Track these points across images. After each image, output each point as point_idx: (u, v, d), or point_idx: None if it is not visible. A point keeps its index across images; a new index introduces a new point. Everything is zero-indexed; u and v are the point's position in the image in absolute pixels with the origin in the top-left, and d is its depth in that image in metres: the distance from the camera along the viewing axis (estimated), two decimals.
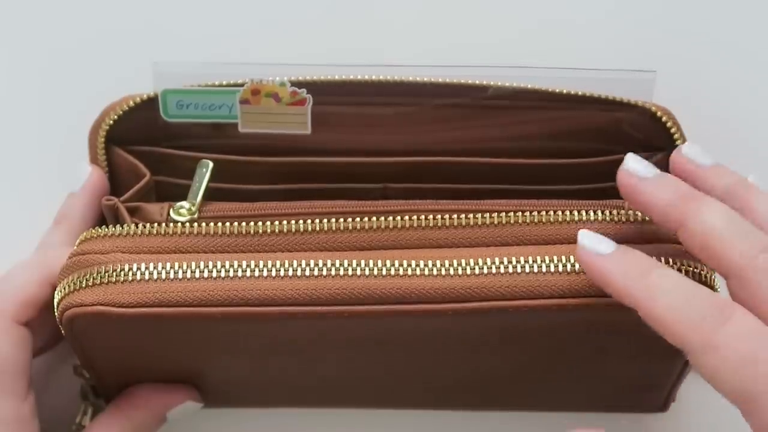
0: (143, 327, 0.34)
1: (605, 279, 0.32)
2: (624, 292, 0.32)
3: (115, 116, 0.40)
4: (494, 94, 0.40)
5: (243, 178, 0.41)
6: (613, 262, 0.32)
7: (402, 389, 0.41)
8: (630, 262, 0.32)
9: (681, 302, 0.31)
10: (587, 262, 0.33)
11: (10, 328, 0.36)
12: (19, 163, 0.46)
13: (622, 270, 0.32)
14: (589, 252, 0.33)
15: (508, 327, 0.35)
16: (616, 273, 0.32)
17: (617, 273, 0.32)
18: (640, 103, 0.40)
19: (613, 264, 0.32)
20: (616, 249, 0.33)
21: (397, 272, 0.34)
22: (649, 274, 0.32)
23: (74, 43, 0.46)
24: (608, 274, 0.32)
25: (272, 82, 0.39)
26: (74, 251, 0.35)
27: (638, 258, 0.32)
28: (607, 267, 0.32)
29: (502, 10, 0.46)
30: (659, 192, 0.33)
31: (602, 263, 0.32)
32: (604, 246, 0.33)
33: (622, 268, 0.32)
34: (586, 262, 0.33)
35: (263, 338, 0.36)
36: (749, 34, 0.46)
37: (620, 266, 0.32)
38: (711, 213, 0.32)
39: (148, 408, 0.39)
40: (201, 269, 0.34)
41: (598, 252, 0.33)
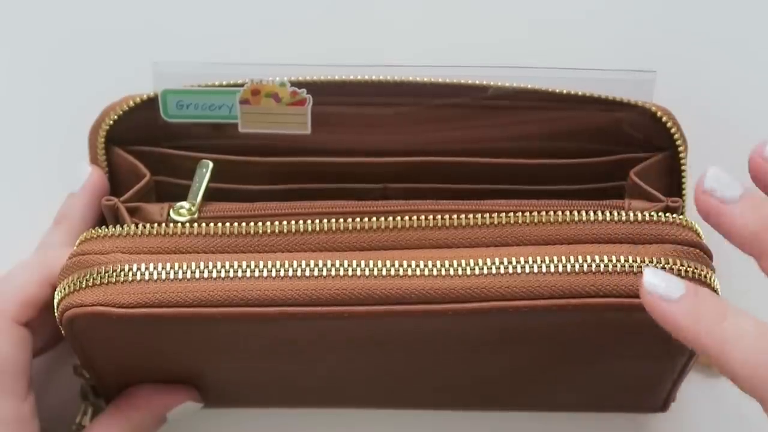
0: (143, 327, 0.34)
1: (672, 324, 0.31)
2: (693, 339, 0.30)
3: (115, 116, 0.40)
4: (494, 94, 0.40)
5: (243, 179, 0.41)
6: (681, 308, 0.30)
7: (402, 389, 0.41)
8: (701, 306, 0.30)
9: (757, 351, 0.29)
10: (652, 306, 0.31)
11: (10, 328, 0.36)
12: (19, 163, 0.46)
13: (692, 317, 0.30)
14: (654, 296, 0.31)
15: (507, 327, 0.35)
16: (687, 320, 0.30)
17: (688, 320, 0.30)
18: (640, 103, 0.40)
19: (683, 310, 0.30)
20: (687, 292, 0.31)
21: (397, 273, 0.34)
22: (722, 319, 0.30)
23: (74, 43, 0.46)
24: (678, 321, 0.30)
25: (272, 83, 0.39)
26: (74, 251, 0.35)
27: (710, 302, 0.31)
28: (674, 312, 0.30)
29: (502, 10, 0.46)
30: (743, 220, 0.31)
31: (670, 308, 0.31)
32: (669, 289, 0.31)
33: (692, 315, 0.30)
34: (650, 306, 0.31)
35: (263, 339, 0.36)
36: (749, 33, 0.46)
37: (690, 313, 0.30)
38: None
39: (148, 408, 0.39)
40: (201, 269, 0.34)
41: (663, 296, 0.31)
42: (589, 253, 0.34)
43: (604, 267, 0.33)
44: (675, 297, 0.31)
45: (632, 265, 0.33)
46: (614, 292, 0.33)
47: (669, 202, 0.38)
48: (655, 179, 0.39)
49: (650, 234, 0.35)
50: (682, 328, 0.30)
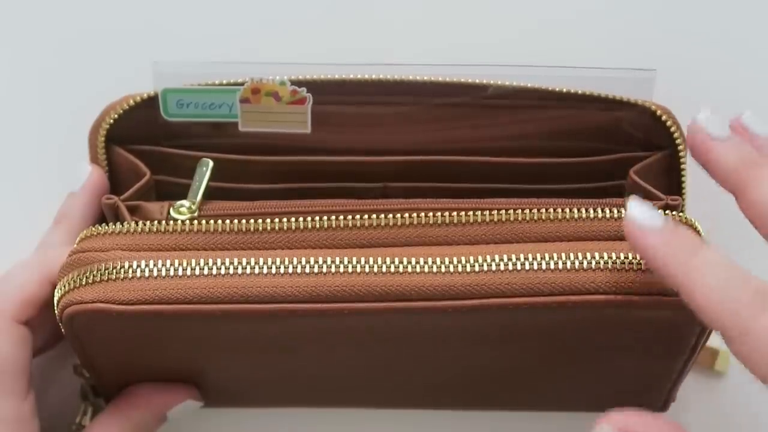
0: (143, 324, 0.34)
1: (648, 254, 0.32)
2: (666, 270, 0.31)
3: (116, 115, 0.40)
4: (494, 93, 0.40)
5: (243, 177, 0.41)
6: (659, 240, 0.32)
7: (402, 388, 0.41)
8: (676, 241, 0.32)
9: (723, 286, 0.30)
10: (633, 235, 0.32)
11: (10, 327, 0.36)
12: (19, 163, 0.46)
13: (667, 248, 0.31)
14: (636, 225, 0.32)
15: (507, 325, 0.35)
16: (661, 250, 0.31)
17: (662, 250, 0.31)
18: (640, 102, 0.40)
19: (659, 242, 0.32)
20: (664, 225, 0.32)
21: (397, 269, 0.34)
22: (694, 254, 0.31)
23: (74, 42, 0.46)
24: (652, 250, 0.32)
25: (272, 81, 0.39)
26: (74, 249, 0.35)
27: (685, 236, 0.32)
28: (651, 243, 0.32)
29: (502, 9, 0.46)
30: (726, 156, 0.33)
31: (648, 239, 0.32)
32: (651, 220, 0.32)
33: (667, 247, 0.31)
34: (631, 235, 0.32)
35: (263, 336, 0.36)
36: (749, 32, 0.46)
37: (666, 245, 0.31)
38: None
39: (149, 407, 0.39)
40: (201, 266, 0.34)
41: (643, 226, 0.32)
42: (588, 250, 0.34)
43: (603, 264, 0.33)
44: (654, 227, 0.32)
45: (632, 263, 0.33)
46: (613, 289, 0.33)
47: (669, 200, 0.38)
48: (654, 178, 0.39)
49: None
50: (656, 258, 0.31)
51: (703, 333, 0.35)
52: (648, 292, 0.33)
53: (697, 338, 0.36)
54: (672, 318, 0.34)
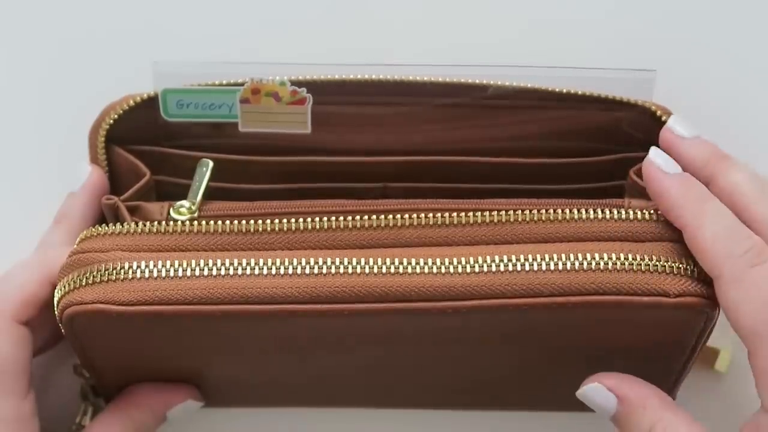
0: (143, 325, 0.34)
1: (664, 193, 0.35)
2: (677, 210, 0.34)
3: (115, 116, 0.40)
4: (494, 93, 0.40)
5: (243, 178, 0.41)
6: (676, 181, 0.35)
7: (402, 388, 0.41)
8: (692, 187, 0.35)
9: (726, 233, 0.33)
10: (652, 175, 0.35)
11: (10, 327, 0.36)
12: (19, 163, 0.46)
13: (682, 191, 0.34)
14: (656, 167, 0.35)
15: (507, 325, 0.35)
16: (676, 191, 0.34)
17: (677, 191, 0.34)
18: (640, 102, 0.40)
19: (676, 183, 0.35)
20: (681, 173, 0.35)
21: (397, 270, 0.34)
22: (704, 201, 0.34)
23: (74, 42, 0.46)
24: (668, 190, 0.35)
25: (272, 82, 0.39)
26: (74, 249, 0.35)
27: (699, 187, 0.35)
28: (668, 183, 0.35)
29: (502, 9, 0.46)
30: (696, 149, 0.37)
31: (666, 180, 0.35)
32: (669, 165, 0.35)
33: (682, 189, 0.34)
34: (650, 175, 0.35)
35: (263, 336, 0.36)
36: (749, 33, 0.46)
37: (681, 187, 0.35)
38: (739, 171, 0.35)
39: (149, 407, 0.39)
40: (201, 267, 0.34)
41: (662, 168, 0.35)
42: (588, 250, 0.34)
43: (603, 265, 0.33)
44: (673, 171, 0.35)
45: (632, 263, 0.33)
46: (614, 289, 0.33)
47: None
48: None
49: (650, 232, 0.35)
50: (671, 198, 0.34)
51: (703, 333, 0.35)
52: (648, 293, 0.33)
53: (697, 339, 0.36)
54: (672, 319, 0.34)
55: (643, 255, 0.34)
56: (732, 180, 0.35)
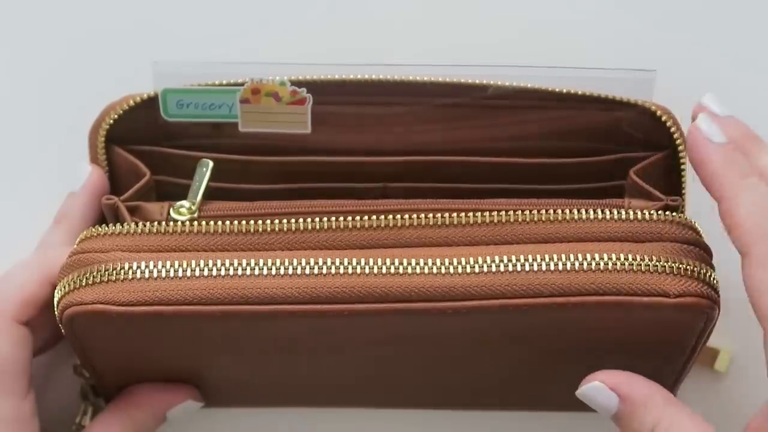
0: (143, 325, 0.34)
1: (706, 161, 0.34)
2: (717, 178, 0.33)
3: (115, 116, 0.40)
4: (494, 93, 0.40)
5: (243, 178, 0.41)
6: (721, 151, 0.34)
7: (402, 388, 0.41)
8: (735, 159, 0.34)
9: (762, 211, 0.32)
10: (697, 141, 0.34)
11: (10, 327, 0.36)
12: (19, 163, 0.46)
13: (724, 161, 0.34)
14: (702, 134, 0.34)
15: (507, 326, 0.35)
16: (719, 160, 0.34)
17: (719, 161, 0.34)
18: (639, 102, 0.40)
19: (721, 153, 0.34)
20: (728, 142, 0.34)
21: (397, 271, 0.34)
22: (746, 176, 0.33)
23: (74, 42, 0.46)
24: (711, 158, 0.34)
25: (272, 82, 0.39)
26: (74, 250, 0.35)
27: (743, 158, 0.34)
28: (712, 151, 0.34)
29: (502, 9, 0.46)
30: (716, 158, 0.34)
31: (710, 147, 0.34)
32: (717, 133, 0.34)
33: (725, 160, 0.34)
34: (694, 141, 0.34)
35: (263, 337, 0.36)
36: (749, 32, 0.46)
37: (725, 157, 0.34)
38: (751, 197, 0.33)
39: (149, 407, 0.39)
40: (201, 268, 0.34)
41: (707, 134, 0.34)
42: (588, 251, 0.34)
43: (603, 265, 0.33)
44: (716, 140, 0.34)
45: (632, 264, 0.33)
46: (613, 290, 0.33)
47: (668, 200, 0.38)
48: (654, 178, 0.39)
49: (650, 232, 0.35)
50: (712, 166, 0.34)
51: (703, 334, 0.35)
52: (648, 293, 0.33)
53: (697, 339, 0.36)
54: (672, 319, 0.34)
55: (644, 255, 0.33)
56: (762, 163, 0.34)
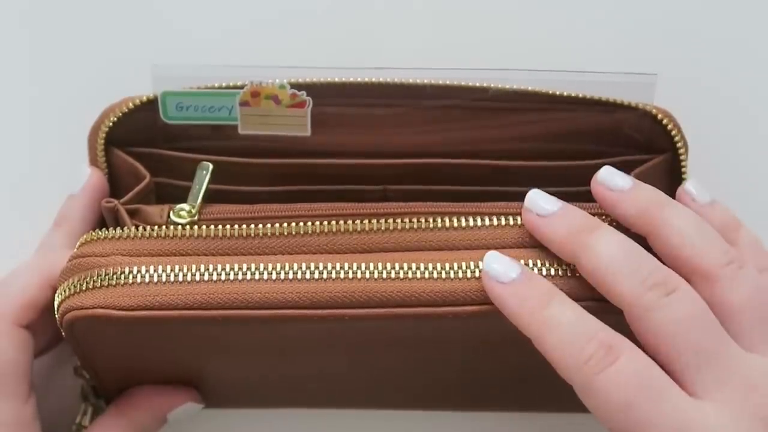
0: (143, 330, 0.34)
1: (502, 307, 0.33)
2: (518, 323, 0.32)
3: (115, 118, 0.40)
4: (495, 96, 0.40)
5: (243, 180, 0.41)
6: (511, 291, 0.32)
7: (402, 390, 0.41)
8: (528, 292, 0.32)
9: (568, 341, 0.31)
10: (487, 286, 0.33)
11: (11, 331, 0.36)
12: (19, 165, 0.46)
13: (517, 301, 0.32)
14: (490, 278, 0.33)
15: (508, 330, 0.35)
16: (513, 303, 0.32)
17: (514, 303, 0.32)
18: (640, 105, 0.40)
19: (511, 293, 0.32)
20: (519, 275, 0.33)
21: (398, 275, 0.34)
22: (544, 307, 0.32)
23: (74, 44, 0.46)
24: (504, 303, 0.32)
25: (272, 85, 0.39)
26: (74, 254, 0.35)
27: (537, 287, 0.32)
28: (504, 295, 0.32)
29: (503, 13, 0.45)
30: (555, 228, 0.34)
31: (501, 291, 0.33)
32: (505, 271, 0.33)
33: (518, 300, 0.32)
34: (487, 288, 0.33)
35: (263, 341, 0.36)
36: (750, 36, 0.46)
37: (517, 297, 0.32)
38: (601, 247, 0.32)
39: (149, 409, 0.39)
40: (201, 272, 0.34)
41: (498, 279, 0.33)
42: None
43: None
44: (507, 280, 0.32)
45: None
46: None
47: None
48: (655, 181, 0.39)
49: None
50: (508, 310, 0.32)
51: None
52: None
53: None
54: None
55: None
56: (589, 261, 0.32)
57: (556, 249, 0.33)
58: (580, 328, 0.31)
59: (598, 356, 0.31)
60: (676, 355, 0.31)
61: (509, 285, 0.32)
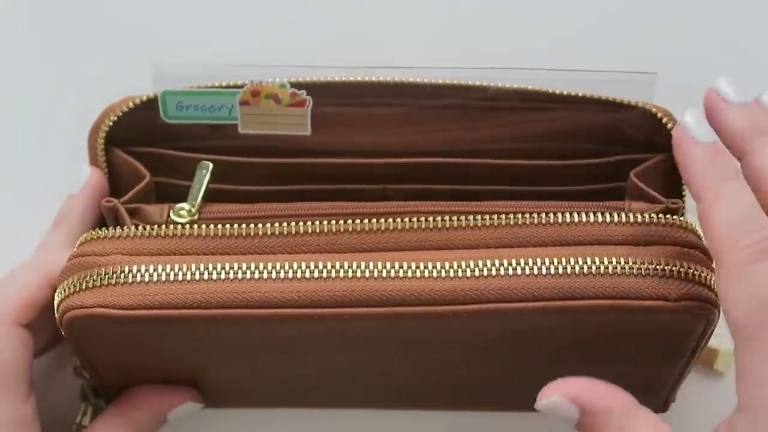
0: (143, 329, 0.34)
1: (687, 162, 0.33)
2: (697, 181, 0.33)
3: (115, 117, 0.40)
4: (495, 95, 0.40)
5: (243, 179, 0.41)
6: (702, 151, 0.33)
7: (402, 390, 0.41)
8: (718, 160, 0.33)
9: (738, 219, 0.31)
10: (680, 141, 0.33)
11: (10, 330, 0.36)
12: (19, 164, 0.46)
13: (706, 163, 0.33)
14: (686, 133, 0.33)
15: (508, 329, 0.35)
16: (700, 162, 0.33)
17: (701, 163, 0.33)
18: (640, 104, 0.40)
19: (703, 154, 0.33)
20: (714, 143, 0.33)
21: (398, 274, 0.34)
22: (727, 180, 0.32)
23: (74, 44, 0.46)
24: (692, 159, 0.33)
25: (272, 84, 0.39)
26: (74, 253, 0.35)
27: (728, 161, 0.33)
28: (695, 152, 0.33)
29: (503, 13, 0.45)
30: (736, 118, 0.34)
31: (693, 148, 0.33)
32: (703, 133, 0.33)
33: (707, 162, 0.33)
34: (678, 140, 0.34)
35: (263, 340, 0.36)
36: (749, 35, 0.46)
37: (707, 159, 0.33)
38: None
39: (149, 409, 0.39)
40: (201, 271, 0.34)
41: (693, 134, 0.33)
42: (589, 255, 0.34)
43: (603, 269, 0.33)
44: (702, 141, 0.33)
45: (632, 268, 0.33)
46: (613, 294, 0.33)
47: (669, 203, 0.38)
48: (655, 180, 0.39)
49: (650, 235, 0.35)
50: (693, 167, 0.33)
51: (704, 337, 0.35)
52: (647, 297, 0.33)
53: (697, 342, 0.36)
54: (672, 322, 0.34)
55: (644, 259, 0.33)
56: (761, 164, 0.32)
57: (729, 136, 0.34)
58: (753, 214, 0.32)
59: (762, 246, 0.31)
60: None
61: (702, 146, 0.33)
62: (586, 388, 0.34)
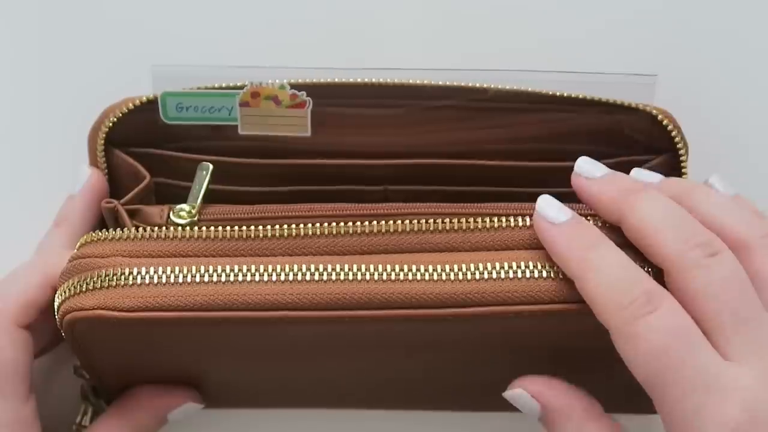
0: (143, 330, 0.34)
1: (550, 247, 0.33)
2: (564, 263, 0.33)
3: (115, 118, 0.40)
4: (494, 96, 0.40)
5: (243, 180, 0.41)
6: (560, 232, 0.33)
7: (402, 391, 0.42)
8: (577, 234, 0.33)
9: (612, 283, 0.32)
10: (538, 227, 0.34)
11: (11, 330, 0.36)
12: (19, 165, 0.46)
13: (567, 240, 0.33)
14: (541, 217, 0.34)
15: (508, 331, 0.35)
16: (561, 243, 0.33)
17: (562, 243, 0.33)
18: (641, 105, 0.40)
19: (560, 233, 0.33)
20: (570, 219, 0.34)
21: (398, 277, 0.34)
22: (592, 249, 0.33)
23: (74, 45, 0.46)
24: (553, 243, 0.33)
25: (272, 85, 0.39)
26: (74, 255, 0.35)
27: (587, 231, 0.33)
28: (553, 235, 0.33)
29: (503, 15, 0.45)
30: (604, 188, 0.35)
31: (550, 231, 0.33)
32: (556, 214, 0.34)
33: (566, 239, 0.33)
34: (537, 227, 0.34)
35: (263, 342, 0.36)
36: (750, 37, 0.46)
37: (566, 237, 0.33)
38: (648, 205, 0.33)
39: (149, 409, 0.39)
40: (201, 273, 0.34)
41: (548, 219, 0.34)
42: None
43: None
44: (558, 221, 0.34)
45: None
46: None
47: None
48: None
49: None
50: (556, 248, 0.33)
51: None
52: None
53: None
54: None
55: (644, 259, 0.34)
56: (636, 218, 0.33)
57: (603, 207, 0.34)
58: (625, 273, 0.32)
59: (640, 302, 0.31)
60: (714, 314, 0.31)
61: (559, 225, 0.33)
62: (547, 386, 0.35)
